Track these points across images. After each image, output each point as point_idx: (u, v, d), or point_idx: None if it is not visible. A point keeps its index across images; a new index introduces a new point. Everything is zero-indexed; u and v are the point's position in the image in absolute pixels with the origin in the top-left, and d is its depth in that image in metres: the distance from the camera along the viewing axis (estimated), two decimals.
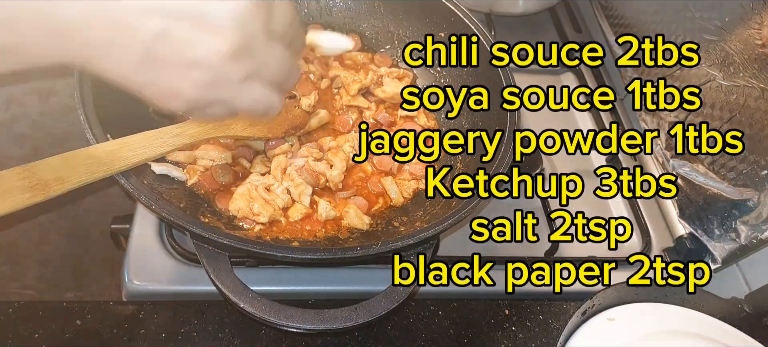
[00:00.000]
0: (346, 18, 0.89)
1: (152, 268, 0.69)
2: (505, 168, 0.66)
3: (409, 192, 0.74)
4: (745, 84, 0.77)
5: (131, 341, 0.63)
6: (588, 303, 0.66)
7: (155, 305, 0.66)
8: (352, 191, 0.72)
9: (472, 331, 0.71)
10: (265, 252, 0.55)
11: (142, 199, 0.55)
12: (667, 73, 0.90)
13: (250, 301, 0.55)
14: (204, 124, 0.64)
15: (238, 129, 0.66)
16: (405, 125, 0.81)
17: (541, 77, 1.07)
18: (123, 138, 0.57)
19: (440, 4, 0.82)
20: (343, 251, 0.59)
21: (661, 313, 0.69)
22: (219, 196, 0.67)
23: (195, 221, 0.55)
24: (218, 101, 0.50)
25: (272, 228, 0.66)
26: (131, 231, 0.72)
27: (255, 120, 0.68)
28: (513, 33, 1.10)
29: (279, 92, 0.54)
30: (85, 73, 0.60)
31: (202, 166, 0.68)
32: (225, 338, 0.65)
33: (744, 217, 0.76)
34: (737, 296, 0.80)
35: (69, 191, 0.52)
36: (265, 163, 0.71)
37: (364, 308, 0.57)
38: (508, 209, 0.84)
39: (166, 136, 0.60)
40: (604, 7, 1.06)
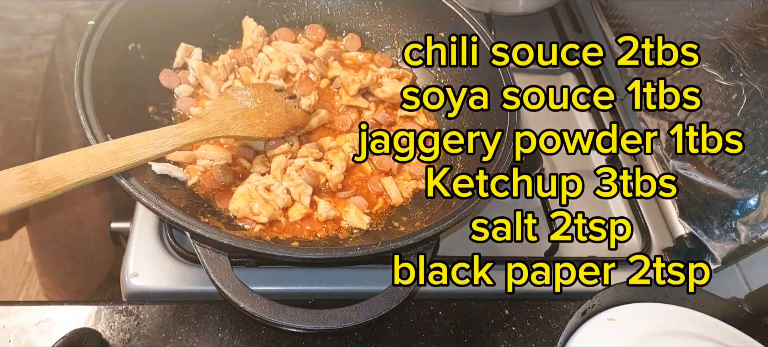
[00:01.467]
0: (346, 18, 0.89)
1: (152, 268, 0.69)
2: (505, 168, 0.66)
3: (409, 192, 0.74)
4: (745, 84, 0.77)
5: (131, 341, 0.63)
6: (588, 303, 0.66)
7: (155, 305, 0.66)
8: (352, 191, 0.72)
9: (472, 331, 0.71)
10: (265, 252, 0.55)
11: (142, 199, 0.55)
12: (667, 73, 0.90)
13: (250, 301, 0.55)
14: (204, 124, 0.64)
15: (238, 129, 0.66)
16: (405, 125, 0.81)
17: (541, 77, 1.07)
18: (123, 138, 0.57)
19: (440, 4, 0.82)
20: (343, 251, 0.59)
21: (661, 313, 0.69)
22: (219, 196, 0.67)
23: (195, 222, 0.55)
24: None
25: (272, 228, 0.66)
26: (131, 231, 0.72)
27: (255, 120, 0.68)
28: (513, 33, 1.10)
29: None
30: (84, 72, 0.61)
31: (202, 166, 0.68)
32: (225, 338, 0.65)
33: (744, 217, 0.76)
34: (737, 296, 0.80)
35: (69, 190, 0.52)
36: (265, 163, 0.71)
37: (364, 308, 0.57)
38: (508, 209, 0.84)
39: (166, 136, 0.60)
40: (604, 7, 1.06)
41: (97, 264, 1.34)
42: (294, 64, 0.81)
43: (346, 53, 0.86)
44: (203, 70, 0.76)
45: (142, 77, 0.73)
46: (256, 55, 0.81)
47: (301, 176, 0.69)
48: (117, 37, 0.67)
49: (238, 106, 0.68)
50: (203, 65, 0.76)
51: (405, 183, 0.75)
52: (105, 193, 1.18)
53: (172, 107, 0.74)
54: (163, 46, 0.76)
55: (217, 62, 0.78)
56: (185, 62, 0.77)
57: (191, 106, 0.74)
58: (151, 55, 0.74)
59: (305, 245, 0.64)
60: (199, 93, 0.77)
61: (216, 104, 0.68)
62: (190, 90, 0.76)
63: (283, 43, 0.83)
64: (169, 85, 0.75)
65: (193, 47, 0.78)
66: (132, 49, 0.71)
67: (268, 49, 0.82)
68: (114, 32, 0.66)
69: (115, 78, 0.66)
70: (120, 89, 0.67)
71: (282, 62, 0.79)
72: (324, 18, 0.88)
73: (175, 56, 0.77)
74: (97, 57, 0.63)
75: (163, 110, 0.73)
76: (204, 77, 0.76)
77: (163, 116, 0.72)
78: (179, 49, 0.77)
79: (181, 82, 0.76)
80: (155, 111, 0.72)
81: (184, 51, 0.77)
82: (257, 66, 0.80)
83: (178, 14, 0.77)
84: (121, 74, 0.68)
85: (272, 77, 0.78)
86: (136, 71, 0.71)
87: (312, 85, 0.80)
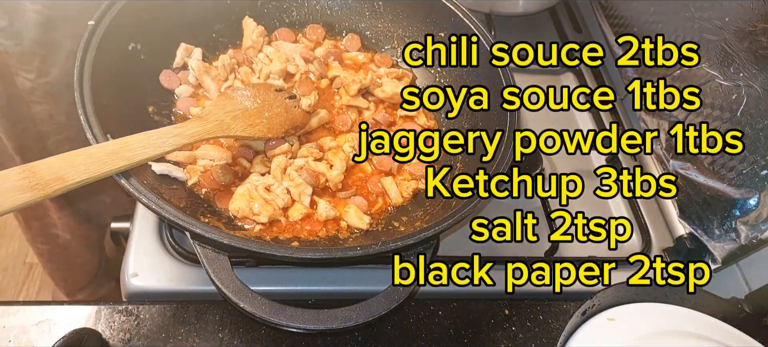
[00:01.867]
0: (347, 18, 0.89)
1: (152, 268, 0.69)
2: (505, 168, 0.66)
3: (408, 192, 0.74)
4: (745, 84, 0.77)
5: (131, 341, 0.63)
6: (588, 303, 0.66)
7: (155, 305, 0.66)
8: (352, 191, 0.72)
9: (472, 331, 0.71)
10: (265, 252, 0.55)
11: (142, 199, 0.55)
12: (667, 73, 0.90)
13: (250, 301, 0.55)
14: (204, 124, 0.64)
15: (238, 129, 0.66)
16: (404, 125, 0.81)
17: (541, 77, 1.07)
18: (123, 138, 0.57)
19: (440, 4, 0.82)
20: (343, 251, 0.59)
21: (661, 313, 0.68)
22: (219, 196, 0.67)
23: (195, 222, 0.55)
24: None
25: (272, 228, 0.66)
26: (131, 231, 0.72)
27: (255, 120, 0.68)
28: (513, 33, 1.10)
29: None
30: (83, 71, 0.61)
31: (202, 166, 0.68)
32: (225, 338, 0.65)
33: (744, 217, 0.76)
34: (737, 296, 0.80)
35: (69, 190, 0.52)
36: (265, 163, 0.71)
37: (364, 308, 0.57)
38: (508, 209, 0.84)
39: (166, 136, 0.60)
40: (604, 7, 1.06)
41: (97, 264, 1.33)
42: (294, 65, 0.81)
43: (345, 53, 0.86)
44: (203, 71, 0.76)
45: (142, 77, 0.73)
46: (257, 55, 0.81)
47: (301, 176, 0.69)
48: (117, 37, 0.67)
49: (238, 106, 0.68)
50: (203, 65, 0.76)
51: (405, 183, 0.75)
52: (105, 193, 1.17)
53: (173, 107, 0.74)
54: (163, 47, 0.76)
55: (217, 62, 0.78)
56: (185, 62, 0.77)
57: (191, 106, 0.74)
58: (151, 56, 0.74)
59: (305, 246, 0.64)
60: (200, 93, 0.77)
61: (216, 103, 0.68)
62: (190, 90, 0.76)
63: (283, 44, 0.83)
64: (170, 86, 0.75)
65: (193, 47, 0.78)
66: (132, 49, 0.71)
67: (268, 49, 0.82)
68: (114, 32, 0.66)
69: (115, 78, 0.66)
70: (120, 89, 0.67)
71: (282, 62, 0.79)
72: (324, 18, 0.88)
73: (175, 56, 0.77)
74: (97, 57, 0.63)
75: (163, 110, 0.73)
76: (204, 77, 0.76)
77: (163, 116, 0.72)
78: (179, 49, 0.77)
79: (181, 83, 0.76)
80: (155, 111, 0.72)
81: (184, 51, 0.77)
82: (257, 66, 0.80)
83: (178, 14, 0.77)
84: (121, 74, 0.68)
85: (272, 77, 0.78)
86: (136, 71, 0.72)
87: (312, 85, 0.80)
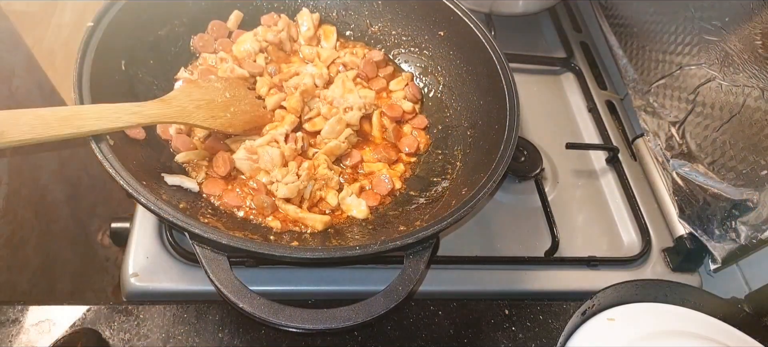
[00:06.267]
0: (347, 18, 0.89)
1: (152, 268, 0.69)
2: (505, 168, 0.66)
3: (405, 174, 0.76)
4: (745, 84, 0.77)
5: (131, 341, 0.63)
6: (588, 303, 0.66)
7: (155, 305, 0.66)
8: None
9: (472, 331, 0.71)
10: (264, 252, 0.55)
11: (141, 199, 0.55)
12: (667, 73, 0.90)
13: (249, 301, 0.55)
14: (164, 107, 0.62)
15: (199, 119, 0.65)
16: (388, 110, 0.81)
17: (541, 77, 1.07)
18: (77, 106, 0.56)
19: (440, 4, 0.83)
20: (343, 251, 0.59)
21: (661, 313, 0.68)
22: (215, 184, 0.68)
23: (194, 222, 0.55)
24: None
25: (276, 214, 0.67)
26: (131, 231, 0.72)
27: (218, 113, 0.68)
28: (513, 33, 1.10)
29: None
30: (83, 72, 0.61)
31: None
32: (225, 338, 0.65)
33: (744, 217, 0.76)
34: (737, 296, 0.80)
35: (8, 147, 0.50)
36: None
37: (363, 307, 0.57)
38: (508, 209, 0.84)
39: (122, 112, 0.58)
40: (604, 7, 1.06)
41: (97, 264, 1.33)
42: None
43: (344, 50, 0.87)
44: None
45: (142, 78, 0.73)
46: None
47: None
48: (117, 38, 0.68)
49: (204, 96, 0.68)
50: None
51: (399, 167, 0.76)
52: (105, 193, 1.17)
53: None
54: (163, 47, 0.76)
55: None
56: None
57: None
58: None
59: (304, 243, 0.64)
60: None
61: (182, 90, 0.67)
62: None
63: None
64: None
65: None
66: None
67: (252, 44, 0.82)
68: (114, 33, 0.66)
69: (114, 79, 0.66)
70: (120, 89, 0.67)
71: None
72: (324, 18, 0.89)
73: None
74: (97, 57, 0.63)
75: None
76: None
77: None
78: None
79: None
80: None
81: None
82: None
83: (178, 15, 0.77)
84: (121, 74, 0.68)
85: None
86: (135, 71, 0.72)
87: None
